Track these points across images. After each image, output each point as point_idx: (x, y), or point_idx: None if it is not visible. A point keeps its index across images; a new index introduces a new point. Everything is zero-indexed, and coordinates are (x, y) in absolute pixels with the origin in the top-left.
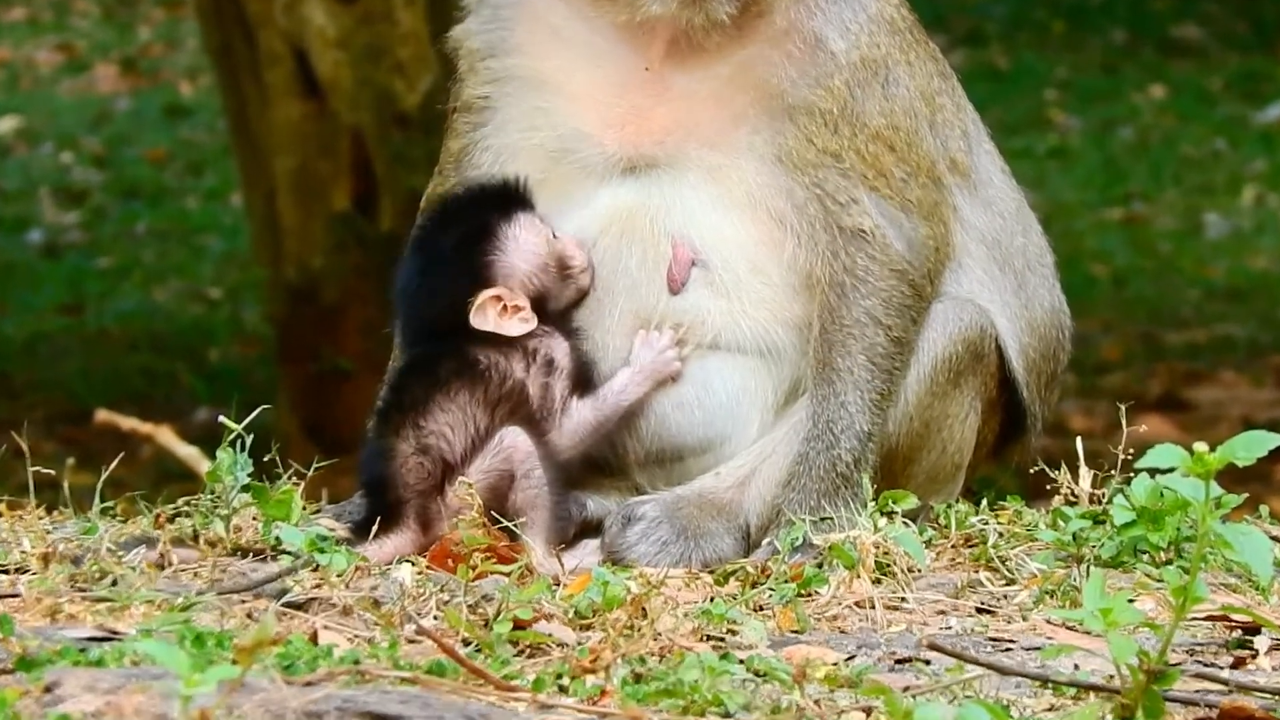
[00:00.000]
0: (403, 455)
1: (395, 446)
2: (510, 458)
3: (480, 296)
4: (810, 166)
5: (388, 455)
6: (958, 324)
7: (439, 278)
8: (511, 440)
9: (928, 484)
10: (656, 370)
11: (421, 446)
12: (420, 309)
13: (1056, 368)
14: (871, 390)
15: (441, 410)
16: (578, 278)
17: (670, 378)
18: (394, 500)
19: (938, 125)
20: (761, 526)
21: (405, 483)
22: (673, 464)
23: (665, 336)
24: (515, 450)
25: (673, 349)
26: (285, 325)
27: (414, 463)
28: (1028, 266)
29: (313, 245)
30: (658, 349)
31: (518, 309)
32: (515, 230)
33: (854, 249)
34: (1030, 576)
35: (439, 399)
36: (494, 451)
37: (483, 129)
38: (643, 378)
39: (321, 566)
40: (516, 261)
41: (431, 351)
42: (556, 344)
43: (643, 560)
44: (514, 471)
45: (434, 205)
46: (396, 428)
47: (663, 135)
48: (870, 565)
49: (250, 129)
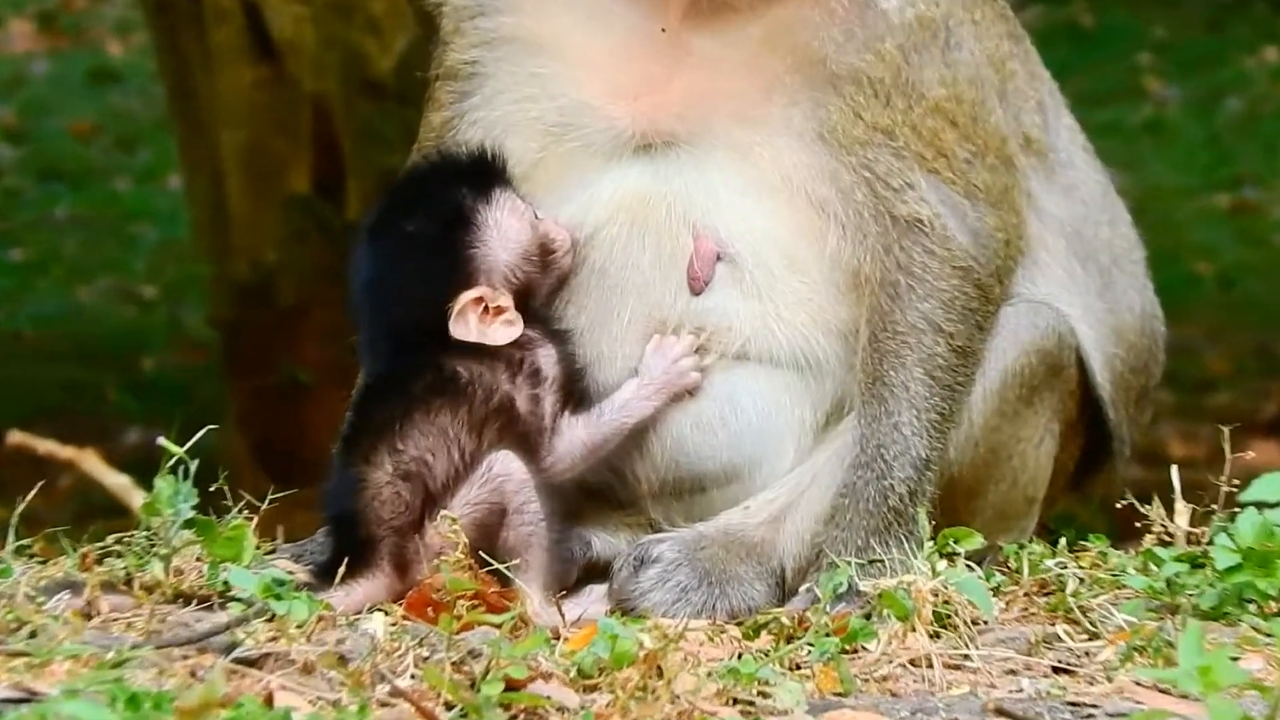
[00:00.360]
0: (376, 485)
1: (367, 475)
2: (501, 488)
3: (460, 300)
4: (858, 145)
5: (358, 486)
6: (1031, 331)
7: (408, 276)
8: (503, 468)
9: (996, 520)
10: (670, 383)
11: (400, 473)
12: (386, 316)
13: (1149, 383)
14: (930, 409)
15: (421, 432)
16: (560, 261)
17: (686, 392)
18: (365, 538)
19: (1008, 96)
20: (799, 570)
21: (379, 518)
22: (693, 495)
23: (682, 342)
24: (507, 480)
25: (690, 357)
26: (233, 330)
27: (390, 494)
28: (1115, 263)
29: (266, 236)
30: (672, 357)
31: (500, 311)
32: (495, 213)
33: (909, 242)
34: (1116, 630)
35: (417, 419)
36: (482, 481)
37: (470, 100)
38: (652, 391)
39: (278, 616)
40: (498, 252)
41: (404, 365)
42: (542, 350)
43: (658, 609)
44: (505, 505)
45: (393, 184)
46: (368, 453)
47: (682, 108)
48: (927, 616)
49: (192, 98)
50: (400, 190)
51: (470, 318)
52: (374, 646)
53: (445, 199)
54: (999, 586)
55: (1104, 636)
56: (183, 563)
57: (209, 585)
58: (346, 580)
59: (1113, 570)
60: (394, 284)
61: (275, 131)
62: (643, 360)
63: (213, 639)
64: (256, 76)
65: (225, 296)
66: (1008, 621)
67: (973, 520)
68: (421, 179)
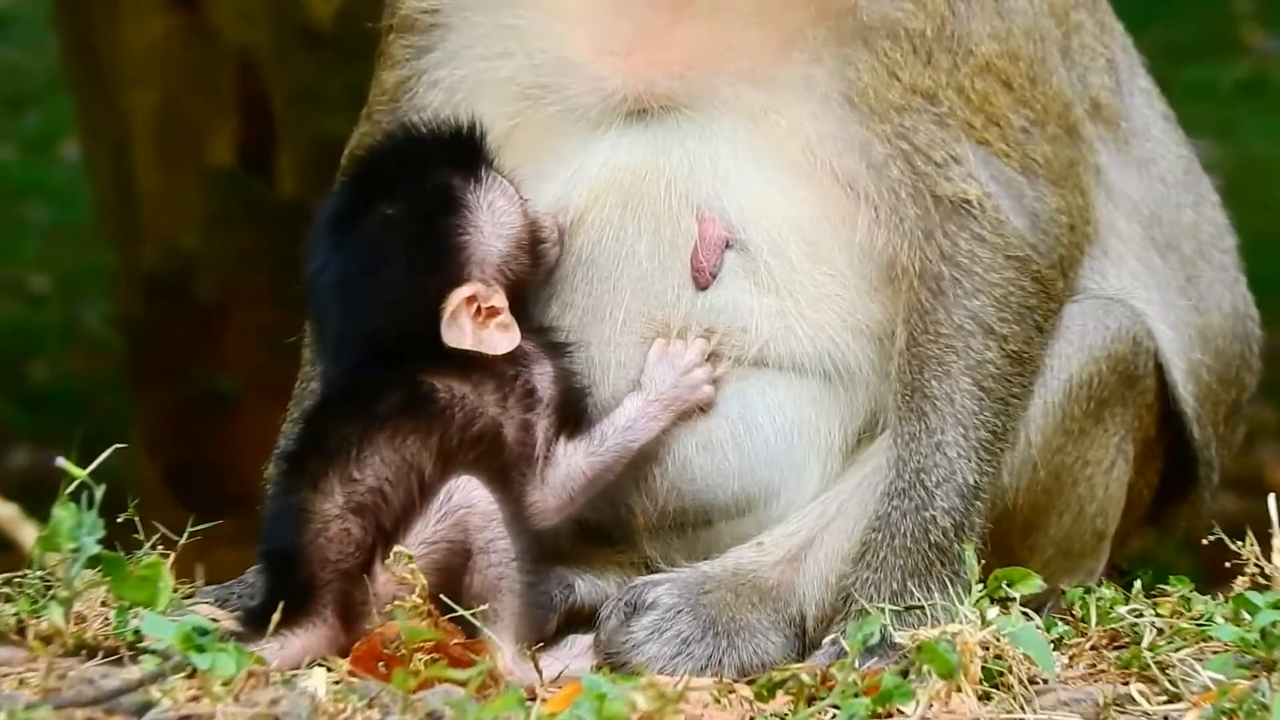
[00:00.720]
0: (324, 518)
1: (314, 505)
2: (464, 523)
3: (452, 300)
4: (893, 111)
5: (302, 517)
6: (1101, 334)
7: (389, 273)
8: (464, 498)
9: (1058, 559)
10: (679, 398)
11: (353, 506)
12: (360, 320)
13: (1241, 396)
14: (979, 426)
15: (383, 460)
16: (548, 254)
17: (698, 408)
18: (306, 580)
19: (1073, 52)
20: (822, 618)
21: (324, 558)
22: (697, 530)
23: (693, 349)
24: (470, 513)
25: (702, 367)
26: (142, 331)
27: (338, 530)
28: (1200, 252)
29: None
30: (681, 367)
31: (494, 313)
32: (486, 195)
33: (955, 227)
34: (1201, 690)
35: (380, 443)
36: (440, 515)
37: (429, 55)
38: (659, 408)
39: (200, 671)
40: (492, 241)
41: (371, 377)
42: (537, 365)
43: (654, 664)
44: (469, 543)
45: (360, 160)
46: (317, 479)
47: (683, 66)
48: (975, 673)
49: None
50: (368, 167)
51: (464, 321)
52: (314, 708)
53: (426, 177)
54: (1061, 638)
55: (1186, 698)
56: (86, 608)
57: (117, 635)
58: (282, 630)
59: (1197, 619)
60: (372, 282)
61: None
62: (645, 371)
63: (122, 698)
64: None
65: (132, 290)
66: (1072, 680)
67: (1031, 559)
68: (392, 153)
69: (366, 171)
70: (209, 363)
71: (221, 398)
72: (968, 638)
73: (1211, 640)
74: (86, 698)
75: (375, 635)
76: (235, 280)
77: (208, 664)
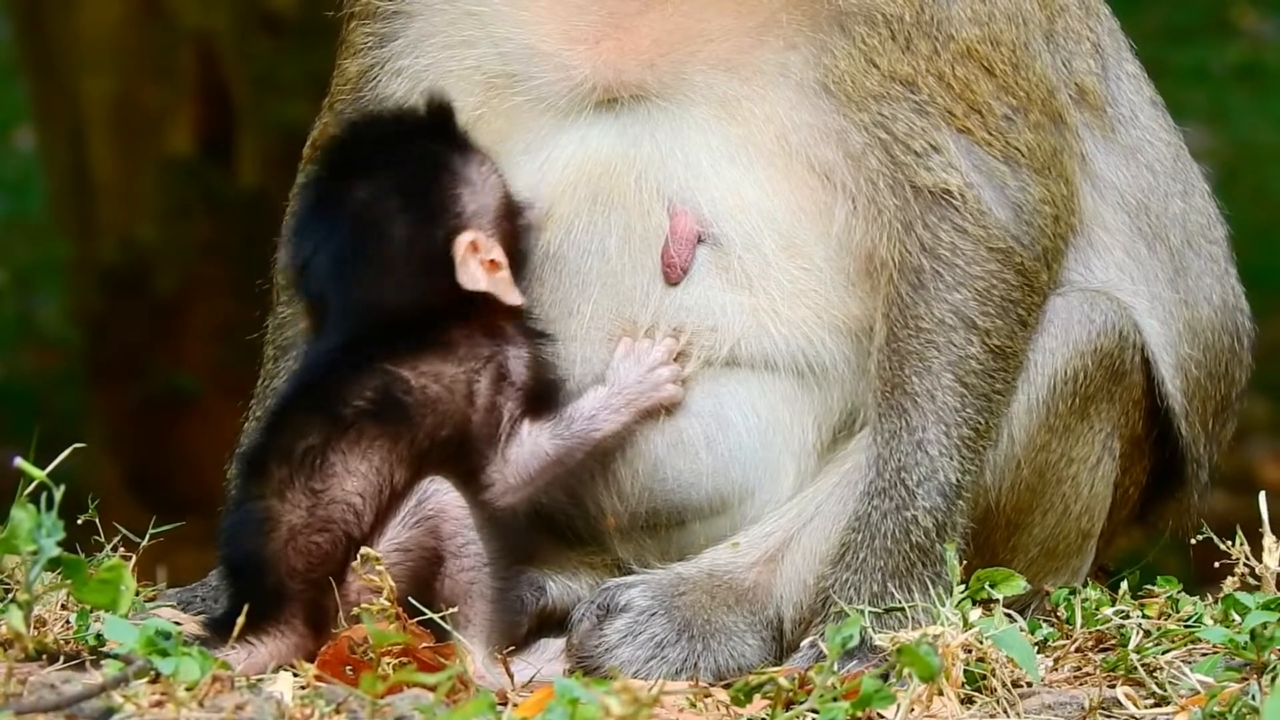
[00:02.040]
0: (290, 530)
1: (280, 515)
2: (436, 529)
3: (459, 244)
4: (871, 99)
5: (267, 525)
6: (1086, 327)
7: (391, 233)
8: (437, 502)
9: (1042, 559)
10: (643, 394)
11: (321, 519)
12: (366, 289)
13: (1231, 391)
14: (961, 424)
15: (348, 470)
16: (528, 229)
17: (664, 408)
18: (274, 589)
19: (1057, 36)
20: (800, 620)
21: (292, 568)
22: (671, 530)
23: (659, 348)
24: (442, 515)
25: (668, 366)
26: (99, 326)
27: (306, 543)
28: (1189, 243)
29: (140, 208)
30: (647, 364)
31: (496, 266)
32: (469, 156)
33: (935, 218)
34: (1189, 693)
35: (345, 450)
36: (413, 520)
37: (392, 44)
38: (621, 402)
39: (163, 676)
40: (483, 198)
41: (336, 371)
42: (514, 350)
43: (628, 668)
44: (441, 548)
45: (329, 147)
46: (281, 487)
47: (654, 54)
48: (957, 677)
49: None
50: (339, 151)
51: (473, 265)
52: (280, 713)
53: (406, 147)
54: (1046, 640)
55: (1174, 701)
56: (46, 611)
57: (78, 639)
58: (248, 637)
59: (1186, 620)
60: (376, 248)
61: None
62: (610, 366)
63: (85, 704)
64: (126, 11)
65: (89, 284)
66: (1056, 683)
67: (1014, 559)
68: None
69: (340, 154)
70: (168, 359)
71: (181, 395)
72: (949, 640)
73: (1200, 642)
74: (48, 703)
75: (343, 639)
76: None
77: (171, 668)
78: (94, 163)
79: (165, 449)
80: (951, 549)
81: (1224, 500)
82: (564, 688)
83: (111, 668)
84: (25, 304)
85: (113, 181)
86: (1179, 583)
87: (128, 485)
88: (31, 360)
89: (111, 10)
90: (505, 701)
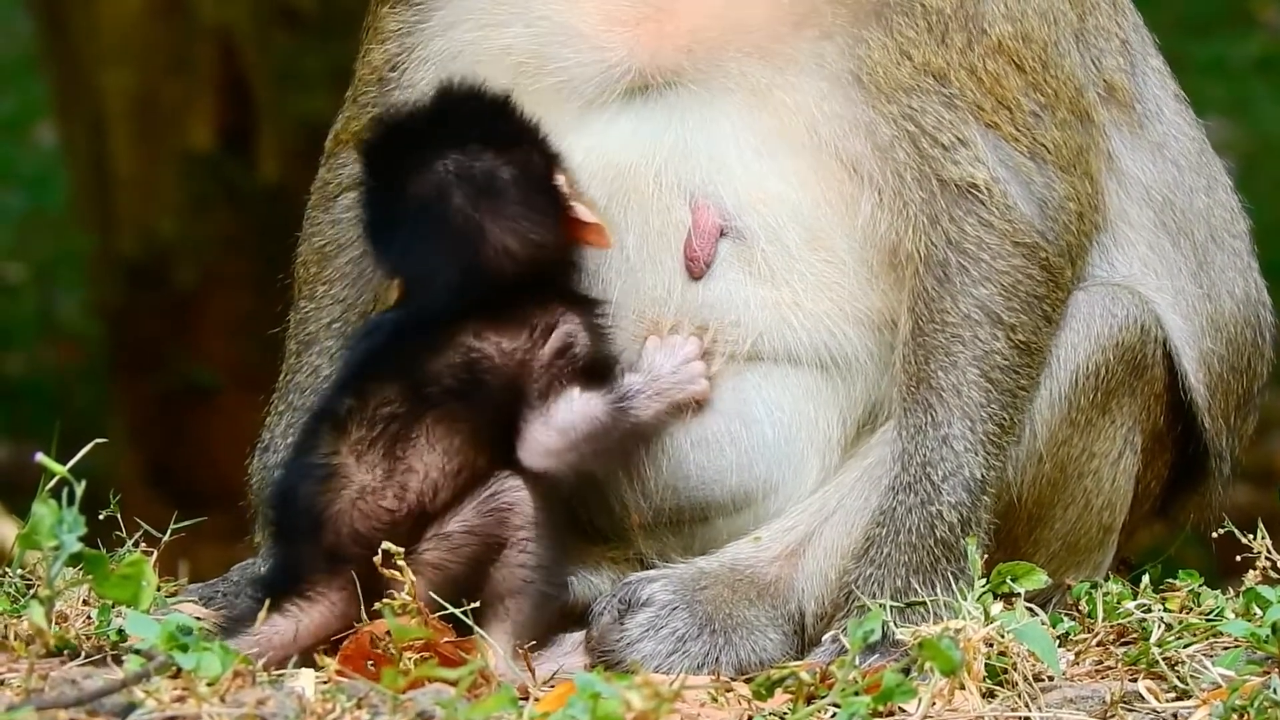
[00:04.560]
0: (360, 489)
1: (351, 474)
2: (506, 519)
3: (560, 181)
4: (902, 91)
5: (335, 483)
6: (1108, 322)
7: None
8: (513, 496)
9: (1064, 554)
10: (678, 387)
11: (395, 486)
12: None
13: (1254, 385)
14: (987, 419)
15: (430, 444)
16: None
17: (693, 404)
18: (330, 548)
19: (1087, 34)
20: (821, 615)
21: (354, 530)
22: (693, 525)
23: (689, 344)
24: (514, 509)
25: (698, 362)
26: (120, 320)
27: (374, 505)
28: (1212, 237)
29: (160, 202)
30: (680, 357)
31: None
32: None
33: (962, 212)
34: (1211, 687)
35: (430, 426)
36: (486, 505)
37: (422, 28)
38: (653, 392)
39: (184, 671)
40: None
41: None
42: (577, 319)
43: (649, 662)
44: (506, 538)
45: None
46: (359, 446)
47: (692, 39)
48: (979, 671)
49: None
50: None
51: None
52: (302, 708)
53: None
54: (1067, 634)
55: (1196, 695)
56: (67, 607)
57: (100, 634)
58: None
59: (1207, 614)
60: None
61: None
62: (643, 358)
63: (106, 699)
64: (147, 5)
65: (109, 278)
66: (1078, 677)
67: (1035, 553)
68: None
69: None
70: (188, 353)
71: (202, 390)
72: (971, 634)
73: (1222, 636)
74: (69, 699)
75: (364, 634)
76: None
77: (193, 664)
78: (114, 157)
79: (186, 443)
80: (973, 542)
81: (1246, 494)
82: (585, 682)
83: (133, 663)
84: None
85: (133, 176)
86: (1200, 576)
87: (149, 480)
88: (52, 354)
89: (132, 4)
90: (526, 696)
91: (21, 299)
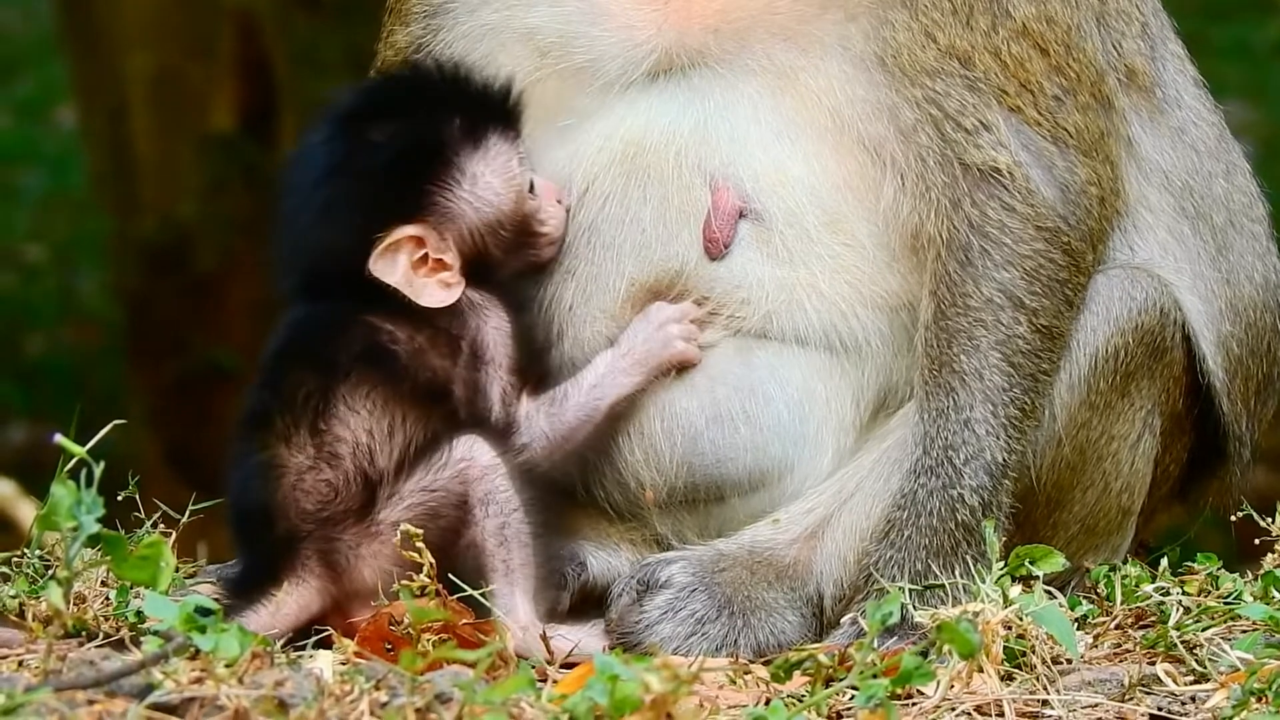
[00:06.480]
0: (296, 472)
1: (285, 461)
2: (463, 474)
3: (394, 234)
4: (925, 75)
5: (273, 474)
6: (1128, 304)
7: (340, 195)
8: (465, 451)
9: (1083, 536)
10: (651, 354)
11: (325, 457)
12: (310, 241)
13: (1272, 369)
14: (1009, 403)
15: (351, 409)
16: (541, 248)
17: (675, 365)
18: (285, 534)
19: (1109, 18)
20: (840, 597)
21: (302, 509)
22: (710, 505)
23: (674, 307)
24: (470, 465)
25: (679, 324)
26: (140, 303)
27: (313, 482)
28: (1231, 222)
29: (181, 184)
30: (657, 321)
31: (442, 266)
32: (479, 164)
33: (984, 196)
34: (1229, 670)
35: (345, 394)
36: (441, 464)
37: (447, 11)
38: (629, 363)
39: (203, 652)
40: (464, 207)
41: (324, 324)
42: (488, 322)
43: (668, 644)
44: (468, 495)
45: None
46: (285, 433)
47: (720, 19)
48: (997, 653)
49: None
50: (367, 92)
51: (401, 259)
52: (320, 689)
53: (428, 116)
54: (1085, 617)
55: (1214, 678)
56: (86, 588)
57: (118, 616)
58: (270, 591)
59: (1226, 597)
60: (322, 201)
61: (191, 55)
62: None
63: (124, 680)
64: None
65: (130, 261)
66: (1096, 660)
67: (1054, 536)
68: (399, 85)
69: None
70: (208, 335)
71: (221, 371)
72: (989, 617)
73: (1240, 619)
74: (87, 680)
75: (382, 615)
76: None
77: (211, 645)
78: (135, 139)
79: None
80: (991, 525)
81: (1265, 477)
82: (604, 664)
83: (151, 644)
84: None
85: (153, 158)
86: (1219, 559)
87: (168, 461)
88: (72, 336)
89: None
90: (545, 677)
91: (41, 280)
